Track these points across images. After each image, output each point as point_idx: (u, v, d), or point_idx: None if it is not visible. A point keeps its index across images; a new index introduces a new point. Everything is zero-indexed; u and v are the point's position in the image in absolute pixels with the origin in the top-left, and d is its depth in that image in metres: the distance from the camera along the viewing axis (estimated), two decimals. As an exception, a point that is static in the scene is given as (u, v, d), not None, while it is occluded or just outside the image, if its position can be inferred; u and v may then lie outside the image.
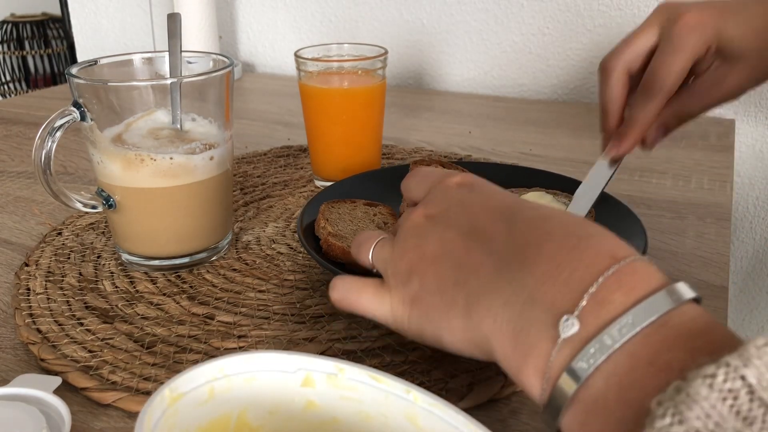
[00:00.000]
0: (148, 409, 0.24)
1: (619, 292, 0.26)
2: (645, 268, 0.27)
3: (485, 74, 1.08)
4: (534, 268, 0.29)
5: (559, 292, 0.27)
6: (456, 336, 0.32)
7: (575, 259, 0.28)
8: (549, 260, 0.28)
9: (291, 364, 0.29)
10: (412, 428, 0.28)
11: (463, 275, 0.32)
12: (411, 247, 0.35)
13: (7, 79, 2.79)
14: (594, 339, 0.25)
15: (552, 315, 0.27)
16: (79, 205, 0.50)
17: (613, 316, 0.25)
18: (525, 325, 0.28)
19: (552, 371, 0.26)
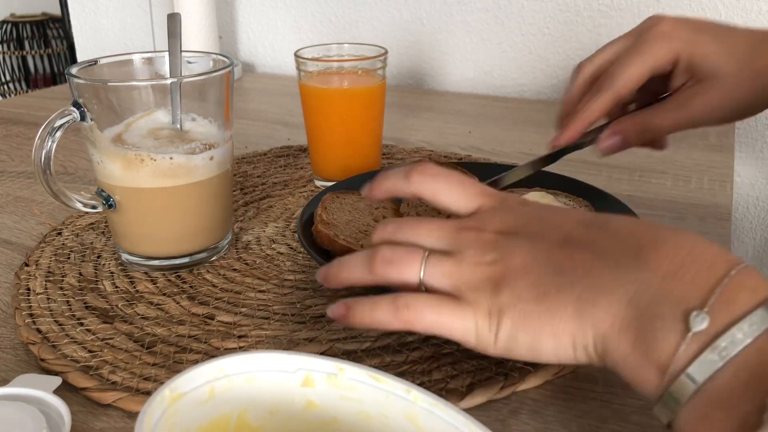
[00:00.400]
0: (148, 409, 0.24)
1: (744, 291, 0.28)
2: (758, 272, 0.29)
3: (485, 74, 1.08)
4: (657, 267, 0.30)
5: (686, 290, 0.29)
6: (561, 342, 0.32)
7: (696, 260, 0.29)
8: (671, 261, 0.30)
9: (291, 364, 0.29)
10: (413, 428, 0.28)
11: (568, 280, 0.32)
12: (489, 261, 0.34)
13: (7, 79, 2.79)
14: (726, 333, 0.27)
15: (681, 311, 0.28)
16: (79, 205, 0.50)
17: (742, 312, 0.27)
18: (650, 321, 0.29)
19: (678, 364, 0.27)
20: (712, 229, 0.60)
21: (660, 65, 0.48)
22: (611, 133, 0.50)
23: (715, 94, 0.47)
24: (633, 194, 0.67)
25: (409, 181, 0.39)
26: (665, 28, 0.48)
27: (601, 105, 0.49)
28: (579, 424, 0.37)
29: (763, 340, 0.26)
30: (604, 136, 0.50)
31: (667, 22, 0.48)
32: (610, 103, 0.48)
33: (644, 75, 0.48)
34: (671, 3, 0.94)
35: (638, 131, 0.49)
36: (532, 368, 0.41)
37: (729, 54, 0.46)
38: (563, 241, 0.33)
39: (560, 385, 0.40)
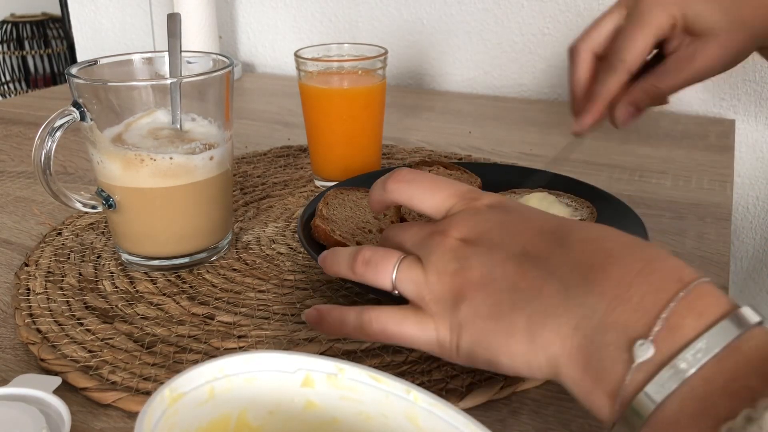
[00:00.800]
0: (148, 409, 0.24)
1: (690, 316, 0.27)
2: (711, 291, 0.28)
3: (485, 74, 1.08)
4: (603, 291, 0.29)
5: (631, 317, 0.28)
6: (516, 360, 0.32)
7: (644, 282, 0.28)
8: (618, 284, 0.29)
9: (291, 364, 0.29)
10: (413, 428, 0.28)
11: (521, 298, 0.31)
12: (451, 270, 0.34)
13: (7, 79, 2.79)
14: (669, 364, 0.26)
15: (626, 339, 0.27)
16: (79, 205, 0.50)
17: (686, 340, 0.26)
18: (597, 349, 0.28)
19: (626, 394, 0.27)
20: (712, 229, 0.60)
21: (662, 32, 0.48)
22: (626, 105, 0.50)
23: (712, 49, 0.48)
24: (633, 194, 0.67)
25: (385, 189, 0.39)
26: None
27: (616, 83, 0.49)
28: (579, 424, 0.37)
29: (710, 368, 0.25)
30: (618, 109, 0.50)
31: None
32: (624, 80, 0.49)
33: (651, 46, 0.48)
34: None
35: (650, 97, 0.50)
36: (532, 368, 0.41)
37: (718, 9, 0.48)
38: (520, 255, 0.32)
39: (560, 385, 0.40)
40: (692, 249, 0.56)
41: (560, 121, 0.91)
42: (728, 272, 0.53)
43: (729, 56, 0.49)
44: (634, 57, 0.48)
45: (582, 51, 0.51)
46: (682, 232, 0.59)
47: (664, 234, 0.58)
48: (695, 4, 0.48)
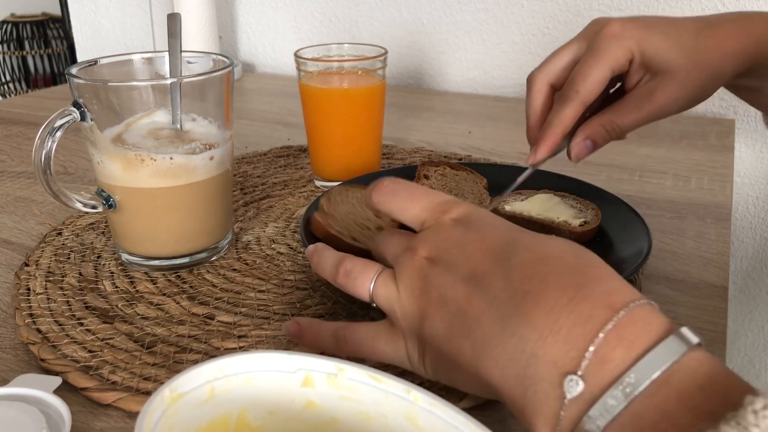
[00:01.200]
0: (148, 409, 0.24)
1: (620, 347, 0.26)
2: (644, 316, 0.27)
3: (485, 74, 1.08)
4: (534, 322, 0.29)
5: (560, 350, 0.27)
6: (468, 384, 0.33)
7: (573, 312, 0.28)
8: (547, 314, 0.28)
9: (291, 364, 0.29)
10: (413, 428, 0.28)
11: (466, 325, 0.32)
12: (417, 289, 0.35)
13: (7, 79, 2.79)
14: (598, 401, 0.26)
15: (556, 374, 0.27)
16: (79, 205, 0.50)
17: (615, 374, 0.26)
18: (532, 383, 0.28)
19: (563, 427, 0.27)
20: (712, 229, 0.60)
21: (618, 66, 0.48)
22: (582, 139, 0.49)
23: (671, 87, 0.47)
24: (633, 194, 0.67)
25: (372, 202, 0.40)
26: (615, 29, 0.48)
27: (570, 115, 0.48)
28: (579, 424, 0.37)
29: (640, 403, 0.25)
30: (575, 142, 0.49)
31: (615, 22, 0.48)
32: (578, 112, 0.48)
33: (606, 78, 0.48)
34: (671, 3, 0.94)
35: (607, 132, 0.49)
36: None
37: (677, 47, 0.47)
38: (468, 279, 0.32)
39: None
40: (692, 249, 0.56)
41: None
42: (728, 272, 0.53)
43: (688, 95, 0.48)
44: (588, 88, 0.47)
45: (538, 81, 0.51)
46: (681, 232, 0.59)
47: (664, 234, 0.58)
48: (654, 40, 0.47)
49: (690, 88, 0.48)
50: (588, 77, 0.47)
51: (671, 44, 0.47)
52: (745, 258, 1.01)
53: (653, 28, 0.48)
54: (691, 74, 0.47)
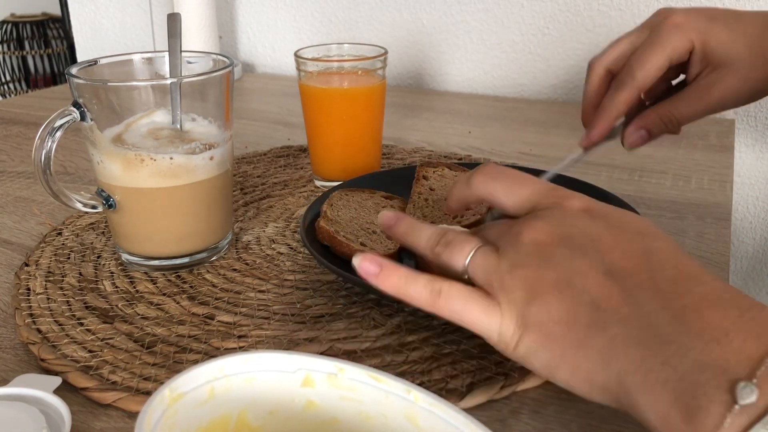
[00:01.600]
0: (148, 409, 0.24)
1: None
2: None
3: (485, 74, 1.08)
4: (700, 332, 0.28)
5: (732, 358, 0.27)
6: (579, 375, 0.31)
7: (744, 329, 0.27)
8: (716, 327, 0.28)
9: (291, 364, 0.29)
10: (413, 428, 0.28)
11: (602, 318, 0.31)
12: (526, 264, 0.33)
13: (7, 79, 2.79)
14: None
15: (726, 380, 0.27)
16: (79, 205, 0.50)
17: None
18: (691, 387, 0.27)
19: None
20: (712, 229, 0.60)
21: (677, 56, 0.48)
22: (637, 128, 0.50)
23: (732, 80, 0.47)
24: (633, 194, 0.67)
25: (470, 184, 0.39)
26: (678, 19, 0.48)
27: (625, 99, 0.48)
28: (579, 424, 0.37)
29: None
30: (630, 131, 0.50)
31: (679, 13, 0.48)
32: (633, 97, 0.48)
33: (663, 66, 0.48)
34: (671, 3, 0.94)
35: (664, 123, 0.49)
36: (532, 368, 0.41)
37: (741, 40, 0.47)
38: (606, 272, 0.31)
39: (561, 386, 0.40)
40: (692, 249, 0.56)
41: (560, 122, 0.91)
42: (728, 272, 0.53)
43: (748, 90, 0.48)
44: (644, 75, 0.48)
45: (597, 66, 0.51)
46: (682, 232, 0.59)
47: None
48: (719, 32, 0.47)
49: (752, 81, 0.48)
50: (645, 63, 0.47)
51: (735, 37, 0.47)
52: (745, 258, 1.01)
53: (717, 20, 0.48)
54: (754, 68, 0.47)
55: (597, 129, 0.49)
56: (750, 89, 0.48)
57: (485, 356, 0.42)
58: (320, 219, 0.52)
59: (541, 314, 0.32)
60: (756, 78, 0.48)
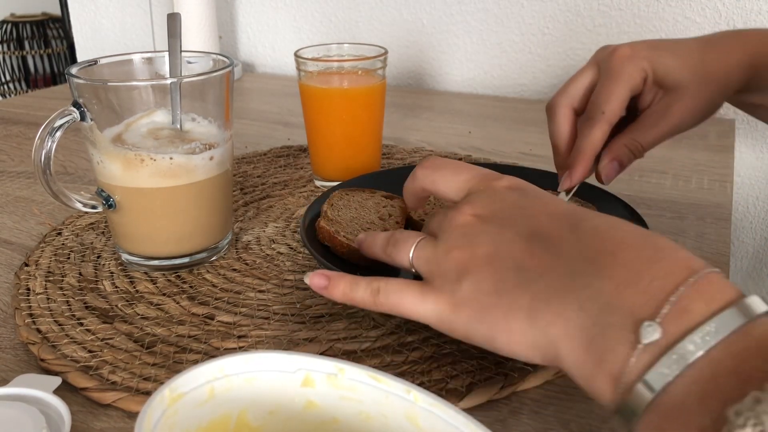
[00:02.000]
0: (148, 409, 0.24)
1: (699, 301, 0.27)
2: (720, 280, 0.28)
3: (485, 74, 1.08)
4: (611, 275, 0.29)
5: (639, 299, 0.28)
6: (514, 338, 0.32)
7: (654, 268, 0.28)
8: (627, 268, 0.29)
9: (291, 364, 0.29)
10: (413, 428, 0.28)
11: (527, 277, 0.32)
12: (459, 245, 0.35)
13: (7, 79, 2.79)
14: (677, 345, 0.26)
15: (632, 321, 0.27)
16: (79, 205, 0.50)
17: (695, 324, 0.26)
18: (601, 331, 0.28)
19: (629, 376, 0.27)
20: (712, 229, 0.60)
21: (635, 85, 0.50)
22: (610, 160, 0.51)
23: (686, 101, 0.50)
24: (633, 194, 0.67)
25: (415, 178, 0.42)
26: (626, 51, 0.50)
27: (600, 136, 0.50)
28: (579, 424, 0.37)
29: (718, 351, 0.25)
30: (602, 165, 0.51)
31: (624, 46, 0.50)
32: (606, 132, 0.50)
33: (627, 98, 0.50)
34: (671, 3, 0.94)
35: (630, 152, 0.51)
36: (531, 368, 0.41)
37: (686, 64, 0.50)
38: (530, 235, 0.33)
39: (560, 385, 0.40)
40: (692, 249, 0.56)
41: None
42: (728, 272, 0.53)
43: (701, 108, 0.50)
44: (612, 108, 0.49)
45: (561, 106, 0.52)
46: (682, 232, 0.59)
47: (664, 234, 0.58)
48: (664, 59, 0.50)
49: (701, 101, 0.50)
50: (611, 97, 0.49)
51: (680, 62, 0.50)
52: (745, 258, 1.01)
53: (661, 48, 0.50)
54: (700, 88, 0.50)
55: (578, 170, 0.50)
56: (703, 107, 0.51)
57: (485, 356, 0.42)
58: (320, 219, 0.52)
59: (472, 289, 0.33)
60: (704, 97, 0.50)
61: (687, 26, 0.94)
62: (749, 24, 0.91)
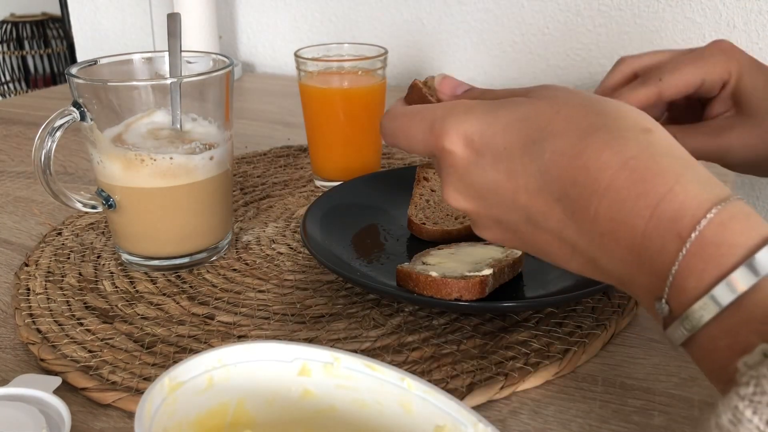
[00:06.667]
0: (148, 397, 0.25)
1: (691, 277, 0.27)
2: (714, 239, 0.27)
3: (485, 74, 1.08)
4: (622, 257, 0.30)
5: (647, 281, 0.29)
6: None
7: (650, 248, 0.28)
8: (630, 251, 0.29)
9: (288, 354, 0.29)
10: (407, 415, 0.29)
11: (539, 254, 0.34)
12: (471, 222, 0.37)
13: (7, 79, 2.79)
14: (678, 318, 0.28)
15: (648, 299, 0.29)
16: (79, 205, 0.50)
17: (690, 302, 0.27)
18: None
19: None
20: (712, 229, 0.59)
21: (712, 79, 0.46)
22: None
23: (748, 134, 0.45)
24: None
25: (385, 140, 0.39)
26: (726, 45, 0.46)
27: (644, 95, 0.46)
28: (579, 424, 0.37)
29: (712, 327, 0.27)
30: None
31: (729, 43, 0.47)
32: (652, 97, 0.46)
33: (695, 82, 0.46)
34: (671, 3, 0.94)
35: None
36: (531, 368, 0.41)
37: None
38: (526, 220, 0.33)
39: (560, 385, 0.40)
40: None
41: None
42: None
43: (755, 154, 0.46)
44: (672, 81, 0.45)
45: (625, 63, 0.49)
46: (682, 232, 0.59)
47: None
48: (757, 78, 0.45)
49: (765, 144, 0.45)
50: (677, 71, 0.46)
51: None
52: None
53: (762, 67, 0.46)
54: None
55: None
56: (759, 154, 0.46)
57: (485, 356, 0.42)
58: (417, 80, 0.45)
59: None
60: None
61: (687, 26, 0.94)
62: (749, 24, 0.91)
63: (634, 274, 0.29)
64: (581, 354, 0.42)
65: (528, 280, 0.48)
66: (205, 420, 0.28)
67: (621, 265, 0.30)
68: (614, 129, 0.30)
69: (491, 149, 0.33)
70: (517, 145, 0.32)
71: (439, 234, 0.54)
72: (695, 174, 0.29)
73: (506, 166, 0.32)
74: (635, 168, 0.29)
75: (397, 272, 0.45)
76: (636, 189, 0.28)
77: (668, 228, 0.28)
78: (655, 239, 0.28)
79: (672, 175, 0.28)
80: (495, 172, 0.33)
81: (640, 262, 0.29)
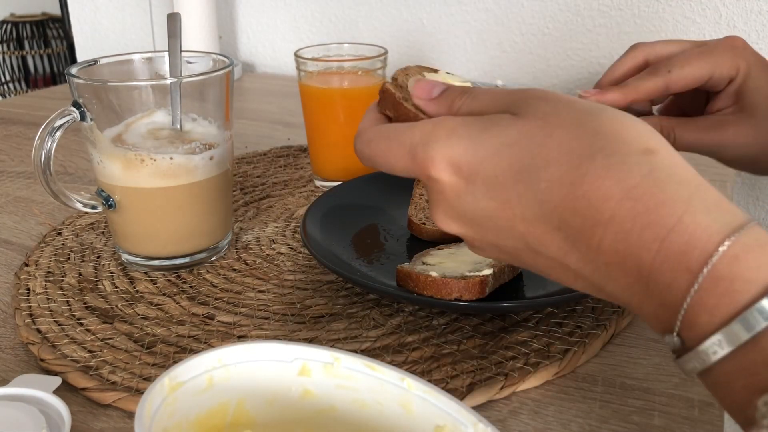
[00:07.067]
0: (149, 396, 0.25)
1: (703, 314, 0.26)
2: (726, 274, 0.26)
3: (485, 74, 1.08)
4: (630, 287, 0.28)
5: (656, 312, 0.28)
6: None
7: (659, 282, 0.27)
8: (638, 281, 0.28)
9: (288, 354, 0.29)
10: (407, 414, 0.29)
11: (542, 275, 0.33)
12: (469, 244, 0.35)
13: (7, 79, 2.79)
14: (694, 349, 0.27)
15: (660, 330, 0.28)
16: (79, 205, 0.50)
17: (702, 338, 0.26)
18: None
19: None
20: (712, 229, 0.59)
21: (719, 75, 0.46)
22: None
23: (748, 131, 0.46)
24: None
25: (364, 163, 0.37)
26: (738, 42, 0.46)
27: (651, 86, 0.46)
28: (579, 424, 0.37)
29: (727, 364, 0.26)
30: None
31: (742, 40, 0.47)
32: (659, 89, 0.46)
33: (703, 78, 0.46)
34: (671, 3, 0.94)
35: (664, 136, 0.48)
36: (531, 368, 0.41)
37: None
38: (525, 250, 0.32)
39: (560, 385, 0.40)
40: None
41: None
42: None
43: (753, 152, 0.46)
44: (681, 74, 0.45)
45: (639, 51, 0.49)
46: (682, 232, 0.59)
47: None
48: (764, 74, 0.45)
49: (761, 144, 0.46)
50: (687, 65, 0.46)
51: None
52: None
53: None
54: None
55: (608, 94, 0.46)
56: (753, 152, 0.46)
57: (485, 356, 0.42)
58: (386, 84, 0.41)
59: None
60: (765, 142, 0.46)
61: (687, 26, 0.94)
62: (749, 24, 0.91)
63: (643, 302, 0.28)
64: (581, 354, 0.42)
65: (528, 280, 0.48)
66: (205, 420, 0.28)
67: (628, 293, 0.29)
68: (613, 153, 0.29)
69: (481, 177, 0.31)
70: (509, 173, 0.30)
71: (439, 234, 0.54)
72: (704, 201, 0.28)
73: (500, 195, 0.31)
74: (639, 197, 0.27)
75: (397, 272, 0.46)
76: (641, 220, 0.27)
77: (678, 261, 0.27)
78: (664, 272, 0.27)
79: (680, 203, 0.27)
80: (488, 200, 0.31)
81: (649, 293, 0.28)
